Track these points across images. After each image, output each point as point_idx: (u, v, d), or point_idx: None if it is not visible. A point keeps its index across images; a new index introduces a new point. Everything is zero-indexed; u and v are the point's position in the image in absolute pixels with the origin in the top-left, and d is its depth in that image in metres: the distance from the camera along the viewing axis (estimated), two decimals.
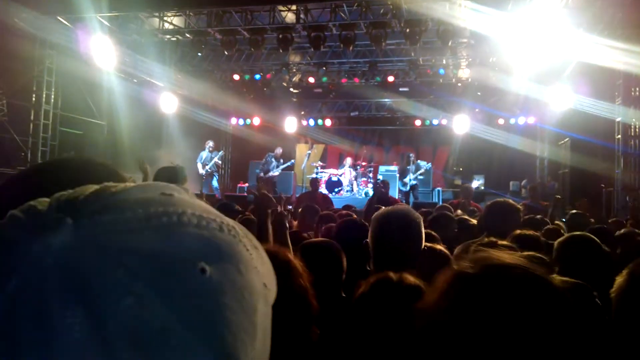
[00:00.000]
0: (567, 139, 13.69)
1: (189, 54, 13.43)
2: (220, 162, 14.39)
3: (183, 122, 15.47)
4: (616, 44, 9.05)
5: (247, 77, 14.67)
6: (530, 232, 2.78)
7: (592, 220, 6.17)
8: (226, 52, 12.11)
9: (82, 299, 0.36)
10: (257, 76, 14.68)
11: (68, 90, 11.72)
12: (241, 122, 18.08)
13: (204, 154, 13.84)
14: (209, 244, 0.43)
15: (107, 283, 0.37)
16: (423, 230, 2.29)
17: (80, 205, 0.42)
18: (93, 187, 0.44)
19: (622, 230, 4.70)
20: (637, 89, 10.45)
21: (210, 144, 14.04)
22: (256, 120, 17.61)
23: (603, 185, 11.35)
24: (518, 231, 2.76)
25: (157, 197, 0.43)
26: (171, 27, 12.13)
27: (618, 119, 10.92)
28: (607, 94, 11.01)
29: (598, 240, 2.62)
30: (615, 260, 2.77)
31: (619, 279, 1.41)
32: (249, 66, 14.43)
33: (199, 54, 13.46)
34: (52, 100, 11.47)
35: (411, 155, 14.41)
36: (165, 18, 11.89)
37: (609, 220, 7.64)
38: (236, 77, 14.69)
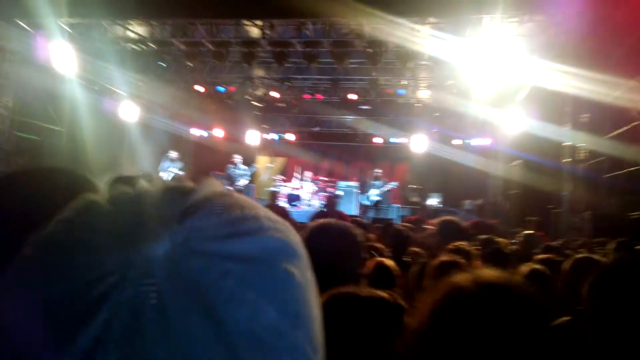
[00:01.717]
0: (519, 161, 14.20)
1: (152, 64, 13.35)
2: (179, 172, 14.28)
3: (145, 131, 15.29)
4: (567, 69, 9.51)
5: (210, 88, 14.67)
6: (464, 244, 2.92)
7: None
8: (190, 63, 12.11)
9: (200, 307, 0.37)
10: (221, 88, 14.71)
11: (26, 96, 11.46)
12: (203, 133, 18.00)
13: (166, 164, 13.71)
14: (287, 244, 0.44)
15: (221, 292, 0.38)
16: (359, 247, 2.18)
17: (169, 208, 0.42)
18: (167, 188, 0.45)
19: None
20: (585, 115, 10.99)
21: (173, 154, 13.92)
22: (218, 132, 17.57)
23: (551, 206, 11.82)
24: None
25: (229, 200, 0.45)
26: (135, 36, 12.05)
27: (567, 143, 11.43)
28: (557, 119, 11.53)
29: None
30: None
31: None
32: (212, 78, 14.43)
33: (162, 64, 13.40)
34: (10, 105, 11.20)
35: (376, 171, 14.68)
36: (128, 27, 11.81)
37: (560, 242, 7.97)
38: (199, 88, 14.67)
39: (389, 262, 2.69)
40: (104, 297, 0.36)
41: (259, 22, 11.07)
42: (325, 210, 11.43)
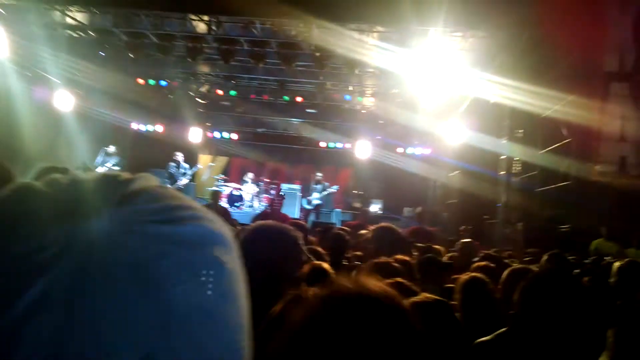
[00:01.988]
0: (458, 171, 14.60)
1: (91, 53, 12.78)
2: (116, 167, 13.75)
3: (83, 122, 14.58)
4: (507, 82, 9.86)
5: (152, 82, 14.22)
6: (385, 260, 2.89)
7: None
8: (131, 55, 11.68)
9: (138, 282, 0.39)
10: (163, 82, 14.29)
11: None
12: (143, 127, 17.42)
13: (103, 158, 13.16)
14: (219, 234, 0.47)
15: (158, 270, 0.40)
16: (298, 249, 2.19)
17: (110, 191, 0.44)
18: (103, 176, 0.46)
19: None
20: (521, 131, 11.42)
21: (110, 149, 13.37)
22: (159, 128, 17.06)
23: (486, 217, 12.20)
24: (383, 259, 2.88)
25: (166, 191, 0.47)
26: (73, 22, 11.50)
27: (503, 157, 11.84)
28: (495, 131, 11.93)
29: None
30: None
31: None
32: (155, 72, 14.00)
33: (102, 53, 12.86)
34: None
35: (318, 174, 14.67)
36: (67, 12, 11.26)
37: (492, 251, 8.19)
38: (141, 81, 14.19)
39: (326, 265, 2.64)
40: (44, 266, 0.38)
41: (205, 18, 10.83)
42: (268, 211, 11.32)
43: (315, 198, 13.87)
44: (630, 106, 9.39)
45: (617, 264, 3.87)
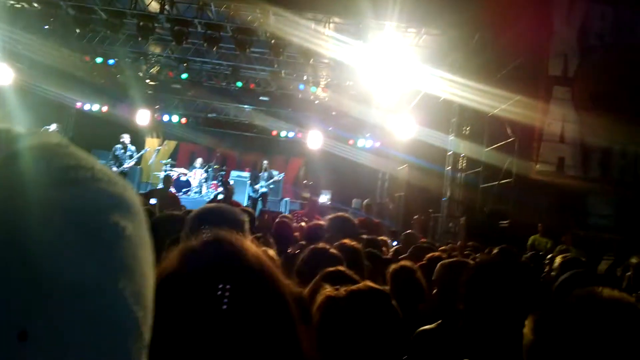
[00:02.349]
0: (406, 165, 14.88)
1: (34, 26, 12.16)
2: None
3: (23, 97, 13.86)
4: (457, 79, 10.11)
5: (99, 60, 13.70)
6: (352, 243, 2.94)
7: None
8: (78, 30, 11.22)
9: (17, 253, 0.36)
10: (111, 61, 13.80)
11: None
12: (88, 107, 16.78)
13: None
14: (122, 199, 0.43)
15: (40, 241, 0.37)
16: (244, 231, 2.22)
17: None
18: None
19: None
20: (468, 128, 11.75)
21: (52, 127, 12.75)
22: (105, 108, 16.48)
23: (431, 210, 12.51)
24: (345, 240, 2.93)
25: (62, 149, 0.42)
26: None
27: (449, 153, 12.16)
28: (444, 128, 12.23)
29: None
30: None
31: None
32: (103, 49, 13.49)
33: (46, 26, 12.26)
34: None
35: (265, 162, 14.58)
36: None
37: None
38: (87, 58, 13.65)
39: (271, 252, 2.63)
40: None
41: None
42: (222, 199, 11.17)
43: (262, 186, 13.80)
44: (571, 110, 9.82)
45: (559, 259, 4.02)
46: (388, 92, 12.81)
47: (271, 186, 14.05)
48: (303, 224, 6.80)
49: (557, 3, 10.04)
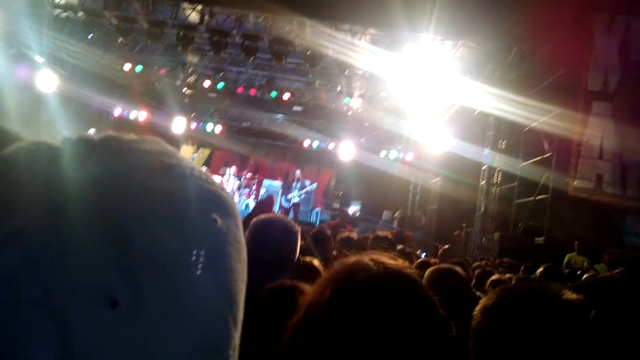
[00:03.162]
0: (439, 177, 14.75)
1: (78, 34, 12.56)
2: None
3: (64, 103, 14.28)
4: (493, 90, 10.00)
5: (139, 68, 14.04)
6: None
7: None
8: (120, 39, 11.54)
9: (114, 228, 0.39)
10: (150, 70, 14.12)
11: None
12: (126, 113, 17.18)
13: None
14: (218, 198, 0.47)
15: (136, 218, 0.40)
16: (298, 242, 2.30)
17: (98, 145, 0.44)
18: (105, 133, 0.46)
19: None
20: (504, 142, 11.60)
21: (91, 132, 13.07)
22: (142, 115, 16.85)
23: (464, 225, 12.36)
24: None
25: (166, 150, 0.46)
26: (63, 1, 11.31)
27: (484, 167, 12.01)
28: (479, 141, 12.10)
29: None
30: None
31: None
32: (143, 57, 13.84)
33: (90, 35, 12.66)
34: None
35: (297, 172, 14.66)
36: None
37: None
38: (127, 66, 14.01)
39: (316, 262, 2.66)
40: (25, 203, 0.39)
41: (199, 7, 10.75)
42: (263, 207, 11.28)
43: (294, 196, 13.87)
44: (610, 125, 9.62)
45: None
46: (422, 104, 12.74)
47: (303, 196, 14.10)
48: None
49: (598, 17, 9.88)
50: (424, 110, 13.00)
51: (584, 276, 5.36)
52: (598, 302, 1.05)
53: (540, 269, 4.21)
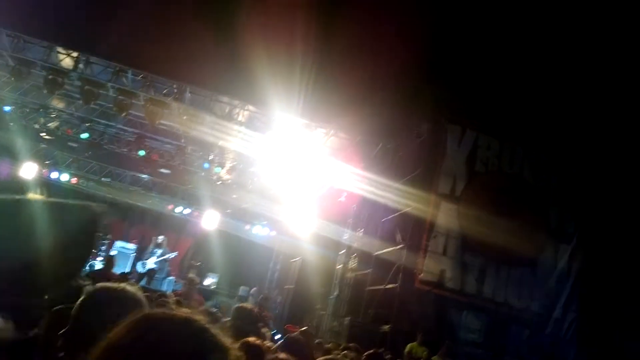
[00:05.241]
0: (299, 258, 14.95)
1: None
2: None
3: None
4: (361, 173, 10.65)
5: None
6: None
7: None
8: None
9: None
10: (7, 108, 12.98)
11: None
12: None
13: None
14: None
15: None
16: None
17: None
18: None
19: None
20: (362, 230, 12.18)
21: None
22: None
23: (318, 306, 12.51)
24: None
25: None
26: None
27: (342, 252, 12.45)
28: (341, 226, 12.59)
29: None
30: None
31: None
32: (2, 94, 12.68)
33: None
34: None
35: (160, 238, 14.01)
36: None
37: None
38: None
39: None
40: None
41: (74, 54, 10.29)
42: (101, 269, 10.45)
43: (152, 262, 13.16)
44: (455, 226, 10.58)
45: None
46: (291, 185, 13.09)
47: (160, 263, 13.43)
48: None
49: (451, 129, 11.07)
50: (291, 190, 13.34)
51: None
52: None
53: (364, 357, 4.76)
